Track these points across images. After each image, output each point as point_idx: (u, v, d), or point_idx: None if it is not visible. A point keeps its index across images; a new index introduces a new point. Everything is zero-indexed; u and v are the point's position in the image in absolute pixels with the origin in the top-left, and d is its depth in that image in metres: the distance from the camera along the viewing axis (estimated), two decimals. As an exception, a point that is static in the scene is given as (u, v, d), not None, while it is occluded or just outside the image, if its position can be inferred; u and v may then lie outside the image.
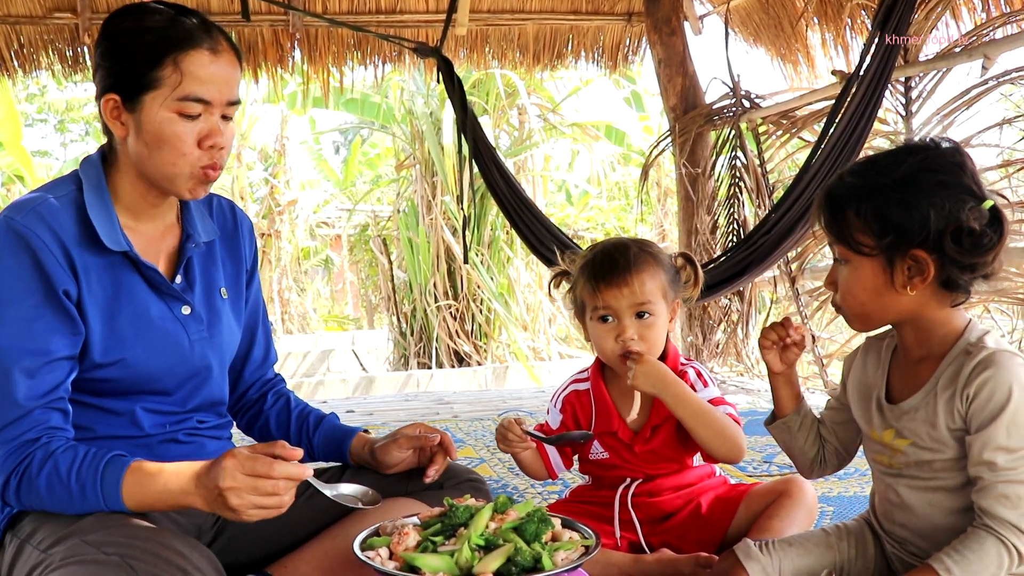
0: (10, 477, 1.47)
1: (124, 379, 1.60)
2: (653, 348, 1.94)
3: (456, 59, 6.28)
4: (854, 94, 3.97)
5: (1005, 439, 1.41)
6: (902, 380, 1.59)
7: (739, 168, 5.64)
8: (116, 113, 1.57)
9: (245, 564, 1.72)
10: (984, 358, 1.44)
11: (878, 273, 1.48)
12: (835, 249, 1.54)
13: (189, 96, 1.53)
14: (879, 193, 1.46)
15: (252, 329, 1.91)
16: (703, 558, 1.83)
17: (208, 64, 1.54)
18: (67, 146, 18.44)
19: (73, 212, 1.55)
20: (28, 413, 1.47)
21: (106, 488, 1.44)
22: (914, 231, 1.43)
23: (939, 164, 1.46)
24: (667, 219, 10.53)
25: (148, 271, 1.62)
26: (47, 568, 1.34)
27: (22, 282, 1.49)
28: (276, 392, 1.95)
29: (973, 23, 4.53)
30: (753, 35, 6.01)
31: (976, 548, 1.41)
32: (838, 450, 1.77)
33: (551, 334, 9.55)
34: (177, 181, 1.58)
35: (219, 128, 1.57)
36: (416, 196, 9.37)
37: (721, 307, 5.85)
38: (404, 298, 9.62)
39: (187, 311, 1.68)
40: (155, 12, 1.57)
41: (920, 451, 1.52)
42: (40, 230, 1.50)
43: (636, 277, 1.91)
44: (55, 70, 5.88)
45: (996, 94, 4.43)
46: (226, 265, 1.80)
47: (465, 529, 1.45)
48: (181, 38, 1.53)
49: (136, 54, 1.53)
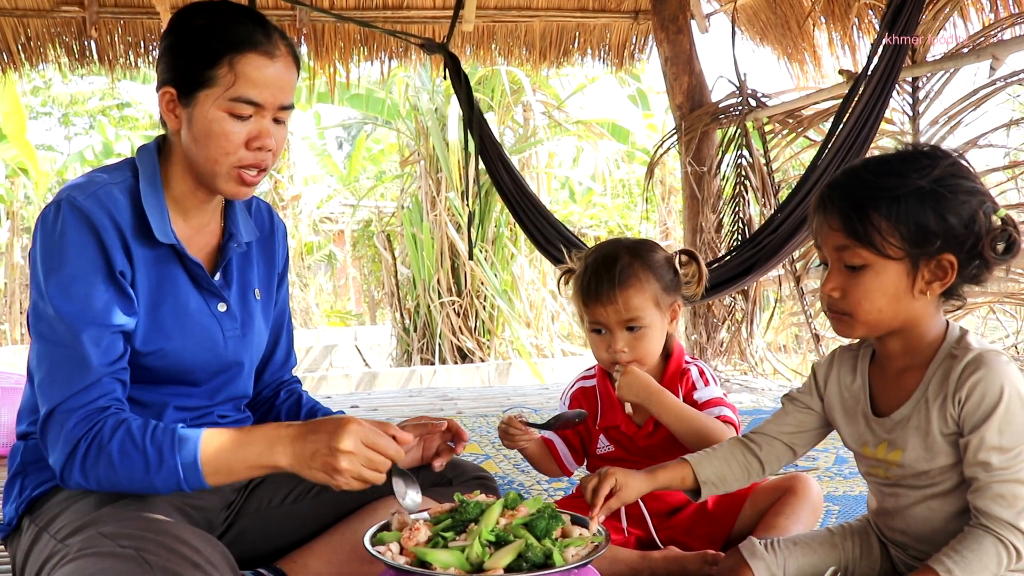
0: (79, 442, 1.45)
1: (159, 369, 1.61)
2: (644, 358, 1.97)
3: (462, 55, 6.28)
4: (861, 94, 3.97)
5: (998, 439, 1.41)
6: (887, 391, 1.58)
7: (744, 167, 5.64)
8: (171, 106, 1.60)
9: (255, 558, 1.73)
10: (972, 360, 1.45)
11: (901, 277, 1.46)
12: (846, 254, 1.48)
13: (241, 97, 1.55)
14: (914, 195, 1.42)
15: (277, 332, 1.92)
16: (710, 555, 1.84)
17: (263, 67, 1.56)
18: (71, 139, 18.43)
19: (128, 200, 1.58)
20: (98, 380, 1.49)
21: (184, 450, 1.44)
22: (950, 235, 1.42)
23: (965, 171, 1.45)
24: (671, 217, 10.52)
25: (192, 266, 1.64)
26: (63, 559, 1.34)
27: (86, 258, 1.51)
28: (289, 390, 1.96)
29: (981, 24, 4.53)
30: (760, 34, 6.01)
31: (975, 548, 1.41)
32: (787, 452, 1.72)
33: (554, 331, 9.54)
34: (219, 179, 1.60)
35: (268, 131, 1.59)
36: (420, 192, 9.36)
37: (725, 306, 5.85)
38: (408, 294, 9.61)
39: (223, 308, 1.70)
40: (218, 11, 1.60)
41: (915, 461, 1.51)
42: (100, 213, 1.53)
43: (622, 295, 1.92)
44: (62, 63, 5.89)
45: (1003, 95, 4.42)
46: (260, 267, 1.82)
47: (476, 525, 1.45)
48: (239, 39, 1.55)
49: (195, 52, 1.56)
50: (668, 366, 2.05)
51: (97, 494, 1.51)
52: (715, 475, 1.70)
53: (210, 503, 1.70)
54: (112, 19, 5.78)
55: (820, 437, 1.73)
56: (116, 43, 5.89)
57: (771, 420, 1.74)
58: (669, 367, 2.05)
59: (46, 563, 1.41)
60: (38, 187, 12.83)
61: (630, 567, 1.85)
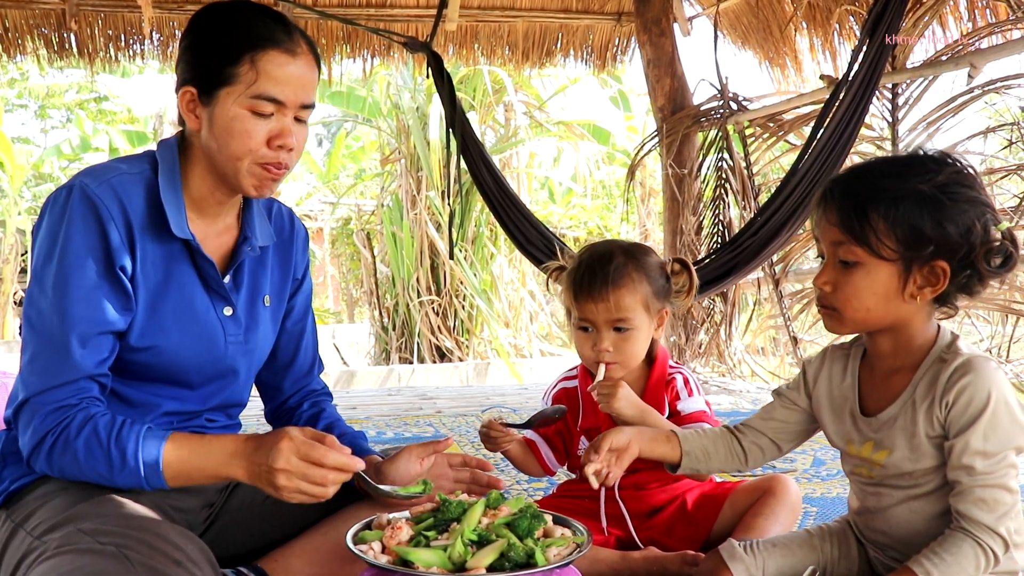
0: (46, 436, 1.47)
1: (153, 366, 1.60)
2: (628, 360, 1.98)
3: (445, 54, 6.29)
4: (842, 99, 4.00)
5: (982, 443, 1.43)
6: (875, 391, 1.59)
7: (725, 170, 5.67)
8: (192, 106, 1.59)
9: (236, 556, 1.71)
10: (961, 364, 1.46)
11: (893, 279, 1.47)
12: (841, 250, 1.50)
13: (263, 95, 1.54)
14: (914, 199, 1.43)
15: (298, 338, 1.90)
16: (689, 556, 1.85)
17: (284, 65, 1.55)
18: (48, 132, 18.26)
19: (143, 191, 1.57)
20: (76, 380, 1.49)
21: (146, 454, 1.45)
22: (945, 242, 1.43)
23: (970, 180, 1.46)
24: (650, 219, 10.55)
25: (204, 264, 1.63)
26: (40, 556, 1.32)
27: (87, 249, 1.50)
28: (313, 401, 1.95)
29: (960, 32, 4.58)
30: (742, 38, 6.04)
31: (954, 551, 1.43)
32: (772, 447, 1.74)
33: (533, 331, 9.56)
34: (241, 177, 1.58)
35: (290, 129, 1.58)
36: (401, 191, 9.35)
37: (704, 308, 5.88)
38: (387, 292, 9.60)
39: (228, 312, 1.69)
40: (238, 10, 1.59)
41: (900, 461, 1.53)
42: (110, 202, 1.52)
43: (614, 293, 1.92)
44: (40, 55, 5.83)
45: (981, 102, 4.47)
46: (274, 273, 1.80)
47: (458, 524, 1.45)
48: (261, 37, 1.54)
49: (215, 50, 1.55)
50: (652, 372, 2.05)
51: (76, 491, 1.50)
52: (699, 449, 1.71)
53: (190, 504, 1.69)
54: (92, 11, 5.74)
55: (806, 435, 1.74)
56: (96, 36, 5.85)
57: (758, 414, 1.76)
58: (653, 373, 2.05)
59: (23, 560, 1.39)
60: (13, 181, 12.68)
61: (610, 567, 1.85)
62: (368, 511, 1.63)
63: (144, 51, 6.01)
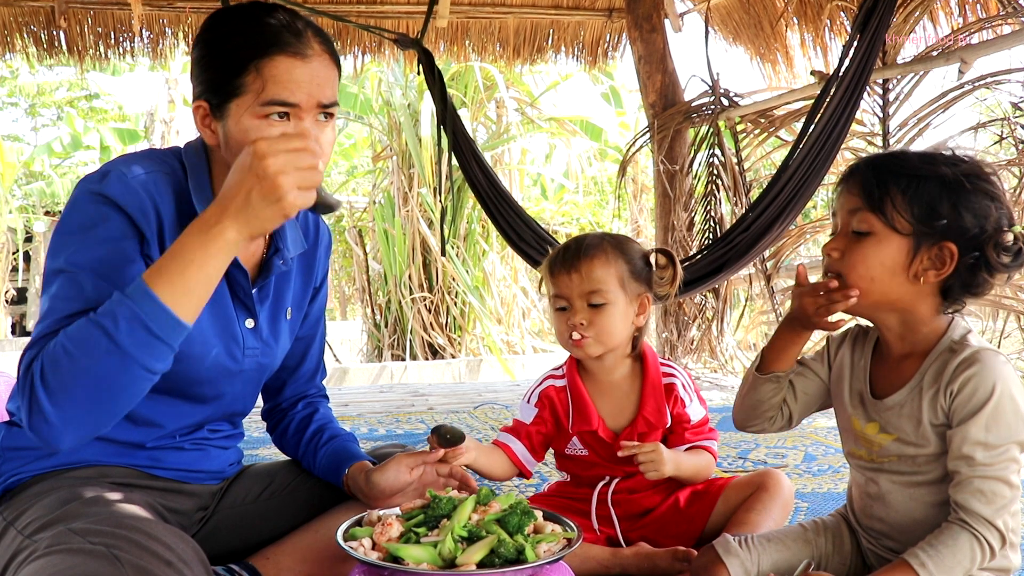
0: (32, 363, 1.33)
1: (167, 375, 1.43)
2: (602, 335, 1.95)
3: (436, 51, 6.27)
4: (833, 95, 4.00)
5: (984, 434, 1.44)
6: (885, 376, 1.61)
7: (717, 166, 5.68)
8: (207, 120, 1.52)
9: (228, 554, 1.71)
10: (969, 355, 1.48)
11: (901, 253, 1.50)
12: (855, 218, 1.52)
13: (273, 100, 1.45)
14: (936, 180, 1.48)
15: (307, 343, 1.87)
16: (680, 552, 1.85)
17: (292, 69, 1.46)
18: (38, 130, 18.20)
19: (172, 191, 1.51)
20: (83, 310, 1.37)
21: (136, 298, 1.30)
22: (958, 225, 1.46)
23: (992, 180, 1.50)
24: (643, 215, 10.56)
25: (236, 272, 1.58)
26: (31, 555, 1.31)
27: (121, 227, 1.44)
28: (308, 401, 1.92)
29: (950, 27, 4.59)
30: (733, 34, 6.04)
31: (950, 543, 1.43)
32: (791, 415, 1.76)
33: (525, 328, 9.57)
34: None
35: (309, 132, 1.47)
36: (392, 188, 9.34)
37: (696, 304, 5.89)
38: (379, 289, 9.59)
39: (250, 324, 1.64)
40: (245, 16, 1.50)
41: (904, 446, 1.54)
42: (143, 199, 1.46)
43: (586, 264, 1.93)
44: (29, 53, 5.80)
45: (971, 98, 4.48)
46: (297, 282, 1.76)
47: (448, 520, 1.45)
48: (266, 43, 1.46)
49: (221, 61, 1.47)
50: (646, 374, 2.03)
51: (66, 490, 1.48)
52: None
53: (185, 505, 1.68)
54: (82, 9, 5.71)
55: (815, 409, 1.76)
56: (86, 33, 5.81)
57: None
58: (647, 375, 2.02)
59: (13, 559, 1.38)
60: (4, 179, 12.63)
61: (601, 564, 1.85)
62: (358, 510, 1.62)
63: (134, 49, 5.97)
